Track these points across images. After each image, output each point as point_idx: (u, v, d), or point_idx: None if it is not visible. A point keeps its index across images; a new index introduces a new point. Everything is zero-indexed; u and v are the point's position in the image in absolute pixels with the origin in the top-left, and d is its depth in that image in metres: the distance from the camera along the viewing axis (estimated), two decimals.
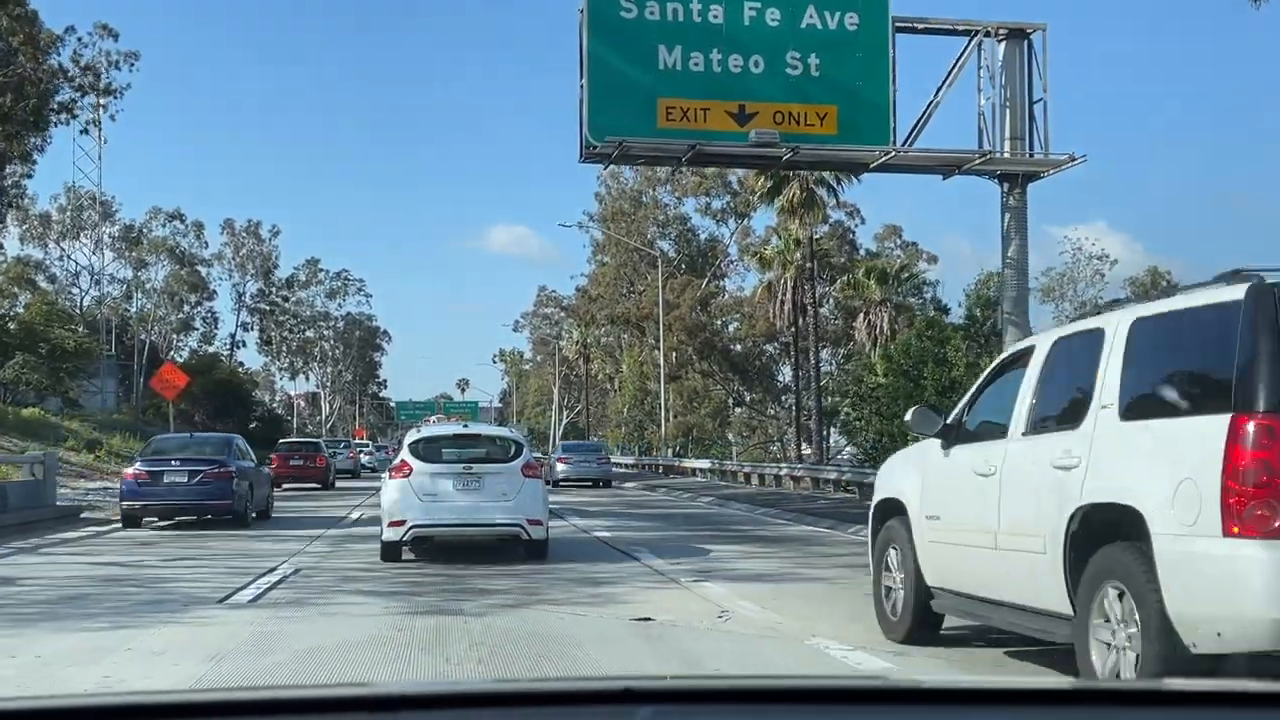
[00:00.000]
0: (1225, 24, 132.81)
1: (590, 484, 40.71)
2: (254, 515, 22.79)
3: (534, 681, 5.20)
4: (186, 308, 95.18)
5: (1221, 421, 5.94)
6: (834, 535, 21.27)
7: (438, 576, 14.06)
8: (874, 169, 25.62)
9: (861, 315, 49.10)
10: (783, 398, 64.86)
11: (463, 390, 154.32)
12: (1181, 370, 6.94)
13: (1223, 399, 6.10)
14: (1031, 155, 25.91)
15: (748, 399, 66.87)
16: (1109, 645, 6.59)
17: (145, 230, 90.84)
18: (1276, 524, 5.73)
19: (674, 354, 62.26)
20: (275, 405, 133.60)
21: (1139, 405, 6.84)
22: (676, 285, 61.62)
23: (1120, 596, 6.48)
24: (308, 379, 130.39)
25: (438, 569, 14.81)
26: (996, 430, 8.24)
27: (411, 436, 16.11)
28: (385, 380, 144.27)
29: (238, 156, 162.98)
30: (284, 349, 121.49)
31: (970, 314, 31.99)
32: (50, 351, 53.93)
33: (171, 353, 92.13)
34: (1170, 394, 6.81)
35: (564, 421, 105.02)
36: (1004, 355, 9.67)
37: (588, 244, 78.05)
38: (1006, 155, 25.72)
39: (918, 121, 25.68)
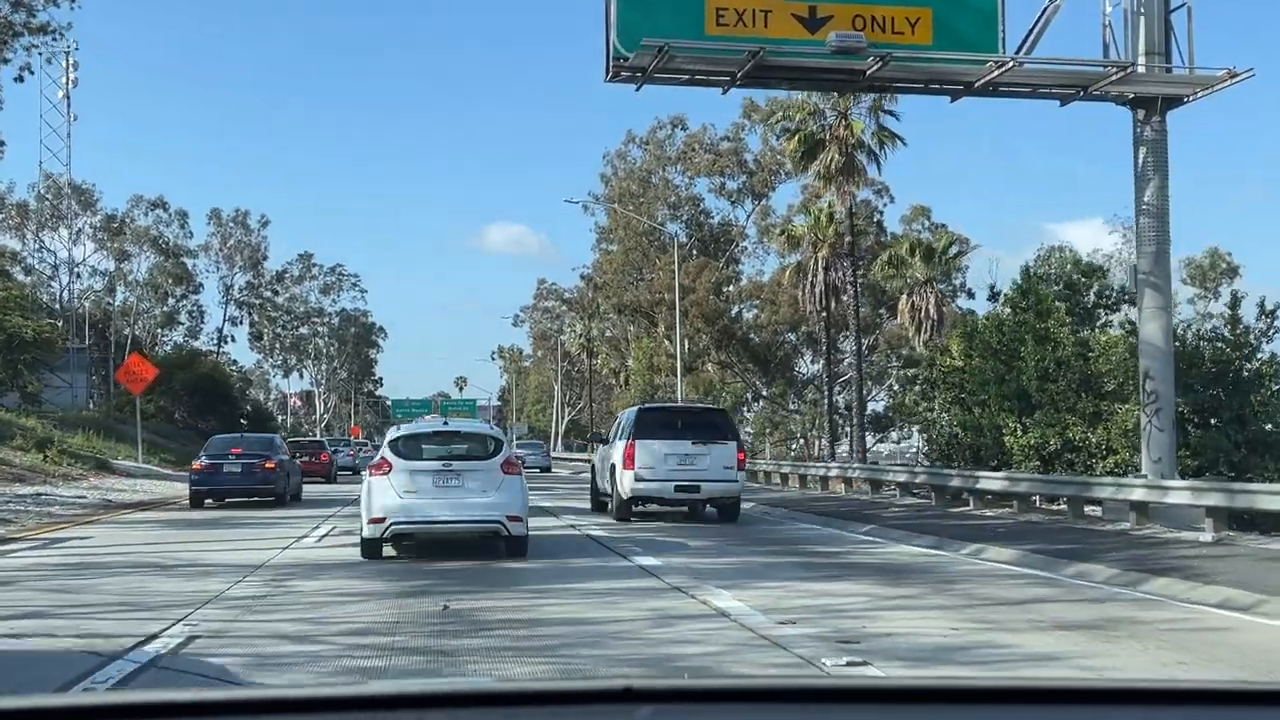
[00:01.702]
0: None
1: (537, 470, 50.92)
2: (290, 497, 27.85)
3: (534, 681, 4.65)
4: (171, 301, 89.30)
5: (626, 443, 21.90)
6: (963, 561, 15.44)
7: (412, 653, 8.33)
8: (979, 89, 19.84)
9: (904, 296, 43.24)
10: (804, 391, 58.90)
11: (460, 388, 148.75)
12: (628, 427, 22.56)
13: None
14: (1172, 73, 20.18)
15: (766, 393, 60.89)
16: (609, 499, 22.69)
17: (128, 220, 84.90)
18: (640, 470, 21.46)
19: (687, 343, 56.40)
20: (269, 403, 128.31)
21: (621, 435, 22.76)
22: (691, 269, 55.68)
23: (614, 486, 22.16)
24: (302, 376, 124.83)
25: (414, 635, 9.10)
26: (610, 439, 23.94)
27: (392, 434, 15.60)
28: (381, 378, 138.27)
29: (225, 150, 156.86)
30: (277, 345, 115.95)
31: (1069, 281, 26.21)
32: (7, 341, 48.22)
33: (156, 348, 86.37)
34: (625, 432, 22.51)
35: (566, 419, 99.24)
36: (626, 411, 27.07)
37: (592, 228, 72.20)
38: (1143, 72, 19.97)
39: (1032, 29, 19.97)
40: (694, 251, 63.63)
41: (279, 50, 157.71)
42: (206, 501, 26.48)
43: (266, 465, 26.68)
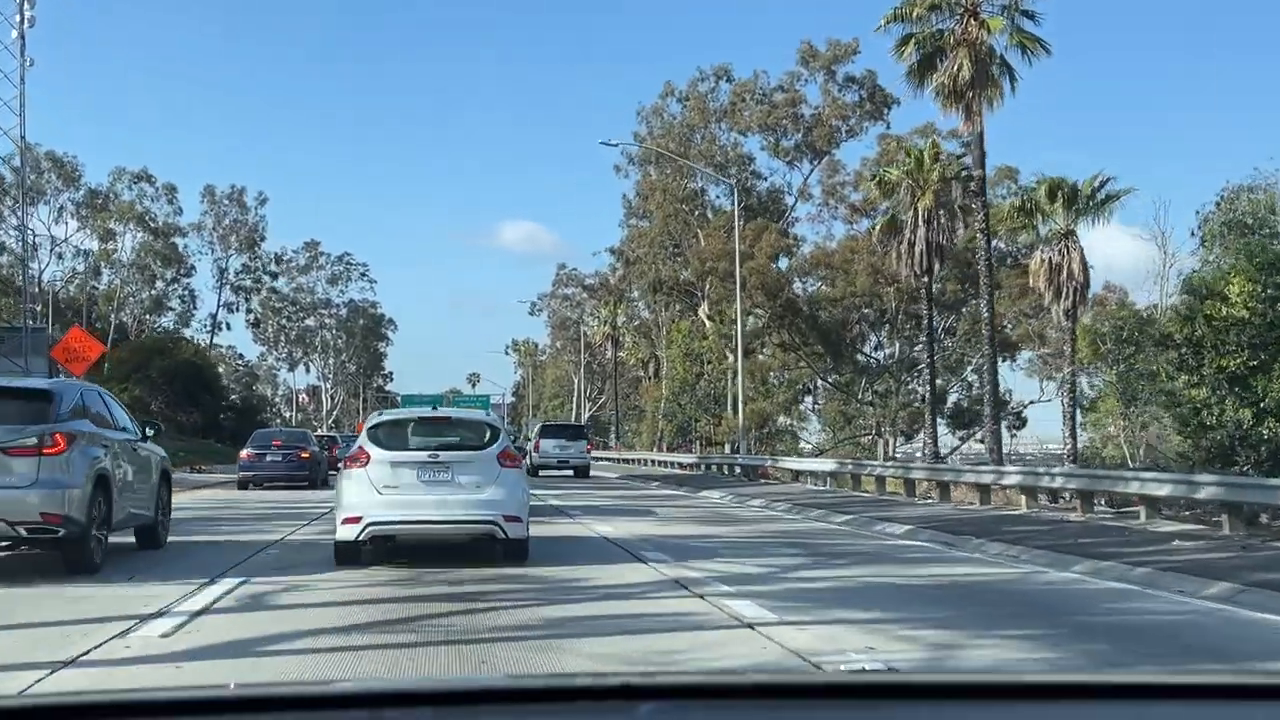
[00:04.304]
0: None
1: None
2: (320, 482, 30.32)
3: (535, 678, 4.20)
4: (160, 284, 79.56)
5: (535, 439, 41.43)
6: None
7: None
8: None
9: (1037, 253, 33.27)
10: (877, 379, 48.83)
11: (473, 385, 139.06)
12: (537, 433, 42.23)
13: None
14: None
15: (830, 380, 50.91)
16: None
17: (112, 194, 75.07)
18: (541, 452, 39.75)
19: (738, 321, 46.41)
20: (276, 398, 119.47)
21: (534, 436, 42.27)
22: (748, 232, 45.56)
23: (530, 460, 36.12)
24: (308, 370, 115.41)
25: None
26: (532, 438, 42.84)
27: (372, 420, 13.45)
28: (391, 373, 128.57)
29: (225, 150, 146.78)
30: (282, 338, 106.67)
31: None
32: None
33: (144, 334, 77.03)
34: (536, 435, 42.07)
35: (587, 414, 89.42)
36: (536, 425, 49.24)
37: (622, 196, 62.24)
38: None
39: None
40: (740, 220, 53.79)
41: (280, 51, 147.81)
42: (250, 485, 29.96)
43: (302, 455, 30.41)
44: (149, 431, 13.86)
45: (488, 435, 12.73)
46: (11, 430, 10.88)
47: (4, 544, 11.45)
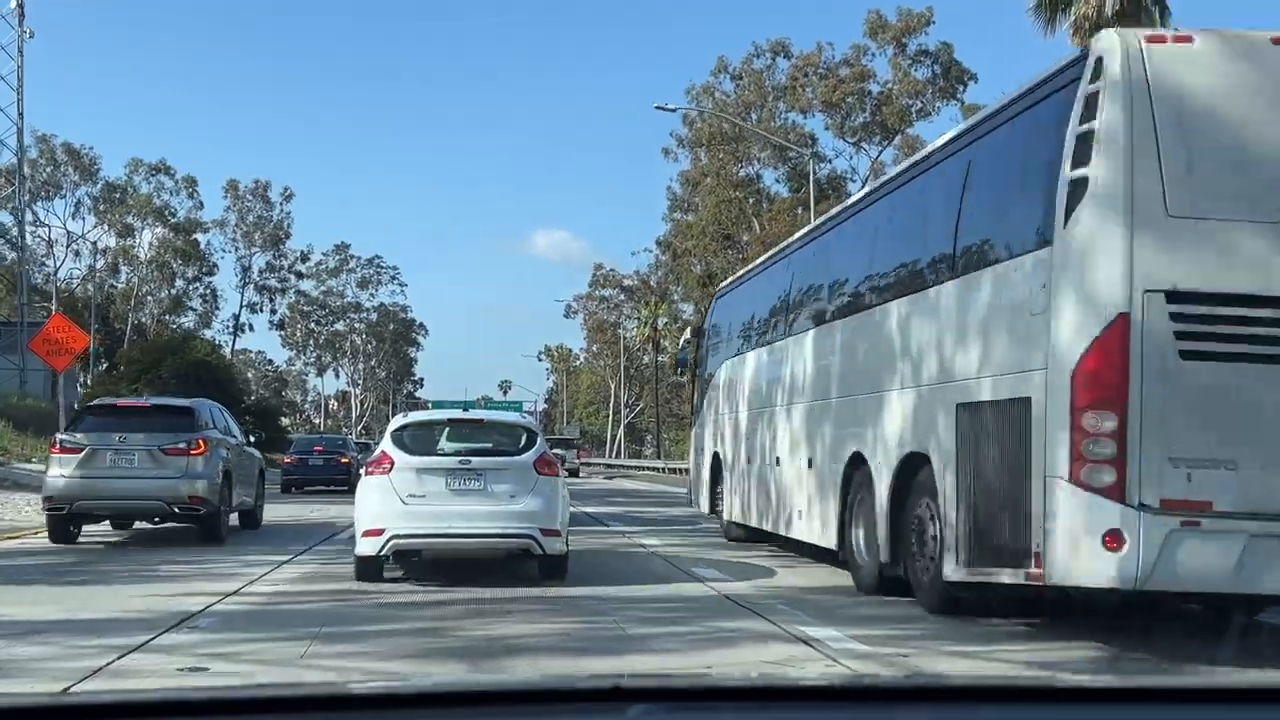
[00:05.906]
0: None
1: None
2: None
3: (523, 680, 4.06)
4: (181, 282, 74.88)
5: None
6: None
7: None
8: None
9: None
10: None
11: (505, 391, 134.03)
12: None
13: None
14: None
15: None
16: None
17: (129, 187, 70.41)
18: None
19: None
20: (306, 404, 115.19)
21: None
22: (819, 215, 40.42)
23: None
24: (338, 376, 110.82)
25: None
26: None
27: (396, 422, 12.22)
28: (421, 379, 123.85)
29: (245, 143, 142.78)
30: (310, 342, 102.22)
31: None
32: None
33: (163, 336, 72.54)
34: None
35: (624, 422, 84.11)
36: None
37: (669, 183, 56.96)
38: None
39: None
40: (798, 209, 48.50)
41: (307, 53, 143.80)
42: (293, 489, 30.31)
43: (342, 460, 30.85)
44: (252, 439, 17.83)
45: (523, 440, 11.61)
46: (167, 437, 14.45)
47: (158, 519, 15.14)
